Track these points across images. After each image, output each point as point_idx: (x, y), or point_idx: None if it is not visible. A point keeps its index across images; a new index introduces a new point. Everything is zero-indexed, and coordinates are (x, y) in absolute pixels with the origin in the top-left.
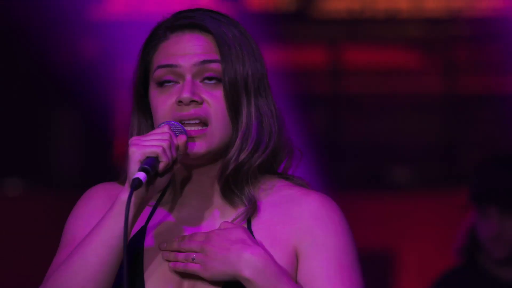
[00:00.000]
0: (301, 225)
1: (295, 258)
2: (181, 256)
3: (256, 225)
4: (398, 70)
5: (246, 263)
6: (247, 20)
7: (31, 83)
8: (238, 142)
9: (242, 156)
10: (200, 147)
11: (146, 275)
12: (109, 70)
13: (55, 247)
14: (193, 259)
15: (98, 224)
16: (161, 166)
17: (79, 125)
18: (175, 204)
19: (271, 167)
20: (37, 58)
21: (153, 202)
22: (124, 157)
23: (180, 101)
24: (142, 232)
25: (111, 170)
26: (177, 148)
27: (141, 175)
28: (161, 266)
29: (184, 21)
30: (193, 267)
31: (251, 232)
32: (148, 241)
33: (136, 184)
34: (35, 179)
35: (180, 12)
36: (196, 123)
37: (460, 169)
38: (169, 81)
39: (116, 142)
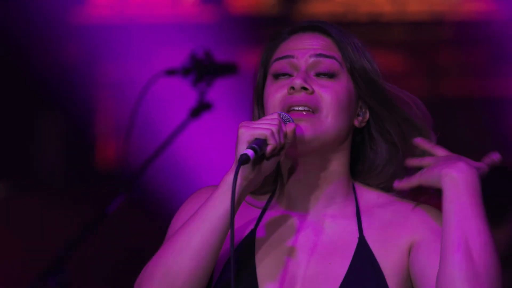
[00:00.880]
0: (420, 231)
1: (407, 255)
2: None
3: (366, 227)
4: (381, 73)
5: (460, 168)
6: (229, 24)
7: (14, 86)
8: (376, 144)
9: (380, 162)
10: (306, 129)
11: (258, 276)
12: (92, 73)
13: (39, 248)
14: None
15: (203, 205)
16: (269, 148)
17: (62, 128)
18: (282, 206)
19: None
20: (19, 61)
21: (262, 205)
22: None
23: (292, 87)
24: (253, 234)
25: (94, 172)
26: (285, 135)
27: (249, 152)
28: (273, 268)
29: (305, 24)
30: None
31: (361, 231)
32: (259, 244)
33: (244, 159)
34: (19, 182)
35: (301, 21)
36: (305, 109)
37: None
38: (284, 74)
39: (99, 145)
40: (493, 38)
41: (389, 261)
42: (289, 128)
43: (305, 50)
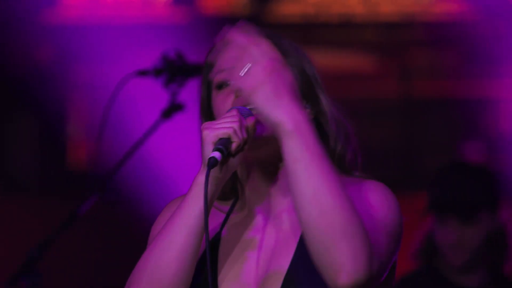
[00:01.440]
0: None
1: None
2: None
3: None
4: (353, 74)
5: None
6: (201, 24)
7: None
8: (332, 128)
9: (339, 144)
10: (267, 128)
11: (219, 276)
12: (64, 74)
13: (11, 249)
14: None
15: (178, 207)
16: (234, 146)
17: (34, 129)
18: (244, 208)
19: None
20: None
21: (226, 209)
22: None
23: (237, 91)
24: (217, 236)
25: (67, 173)
26: (247, 129)
27: (216, 154)
28: (233, 267)
29: None
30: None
31: None
32: (222, 246)
33: (212, 163)
34: None
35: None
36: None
37: (417, 173)
38: (227, 83)
39: (71, 146)
40: (465, 39)
41: None
42: (250, 122)
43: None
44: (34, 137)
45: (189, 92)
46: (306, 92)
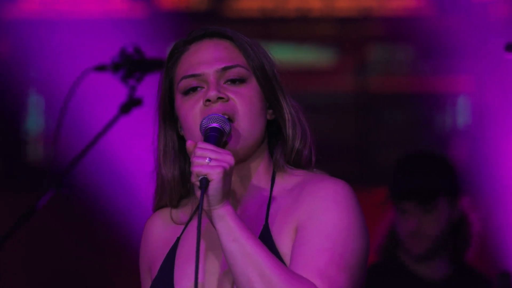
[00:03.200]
0: (308, 204)
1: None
2: None
3: (272, 214)
4: (310, 69)
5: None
6: (159, 19)
7: None
8: (289, 131)
9: (297, 144)
10: (232, 144)
11: (175, 276)
12: (22, 69)
13: None
14: None
15: None
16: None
17: None
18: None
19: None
20: None
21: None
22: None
23: (207, 100)
24: (177, 240)
25: (24, 168)
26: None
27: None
28: (189, 267)
29: (200, 32)
30: None
31: (267, 219)
32: (180, 248)
33: (205, 184)
34: None
35: (193, 30)
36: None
37: (372, 168)
38: (194, 88)
39: (29, 141)
40: (421, 34)
41: (287, 246)
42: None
43: (210, 63)
44: None
45: (148, 87)
46: (267, 96)
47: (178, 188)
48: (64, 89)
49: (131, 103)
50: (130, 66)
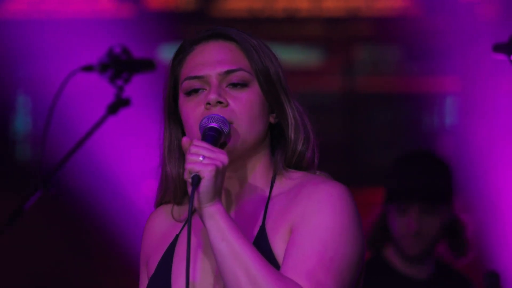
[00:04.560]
0: (303, 206)
1: (289, 234)
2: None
3: (269, 215)
4: (297, 69)
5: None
6: (147, 20)
7: None
8: (292, 135)
9: (299, 147)
10: (231, 145)
11: (173, 273)
12: (10, 69)
13: None
14: None
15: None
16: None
17: None
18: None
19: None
20: None
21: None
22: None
23: (208, 103)
24: (176, 238)
25: (12, 168)
26: (224, 145)
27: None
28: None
29: (207, 33)
30: None
31: (264, 220)
32: (179, 245)
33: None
34: None
35: (201, 30)
36: None
37: (360, 168)
38: (196, 90)
39: (16, 141)
40: (409, 35)
41: (282, 248)
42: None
43: (213, 66)
44: None
45: (135, 87)
46: (269, 100)
47: (183, 185)
48: (52, 89)
49: (118, 104)
50: (118, 66)
